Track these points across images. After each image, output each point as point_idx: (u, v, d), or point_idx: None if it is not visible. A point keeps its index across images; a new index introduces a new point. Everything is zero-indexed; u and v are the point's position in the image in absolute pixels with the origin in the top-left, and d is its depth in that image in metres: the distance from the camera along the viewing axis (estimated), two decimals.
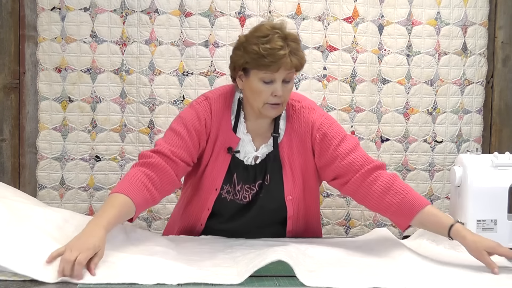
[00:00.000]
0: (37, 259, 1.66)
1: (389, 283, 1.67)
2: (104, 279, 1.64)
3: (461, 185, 2.22)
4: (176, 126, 2.18)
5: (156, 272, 1.71)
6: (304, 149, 2.21)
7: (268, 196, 2.21)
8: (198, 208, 2.26)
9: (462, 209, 2.20)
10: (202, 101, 2.22)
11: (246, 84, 2.14)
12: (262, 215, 2.23)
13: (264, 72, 2.07)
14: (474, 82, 3.14)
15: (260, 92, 2.09)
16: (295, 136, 2.21)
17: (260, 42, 2.06)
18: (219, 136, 2.19)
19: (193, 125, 2.17)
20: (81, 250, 1.67)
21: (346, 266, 1.84)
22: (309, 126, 2.20)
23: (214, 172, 2.20)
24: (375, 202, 2.13)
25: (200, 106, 2.20)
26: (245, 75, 2.13)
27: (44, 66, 2.95)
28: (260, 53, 2.04)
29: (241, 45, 2.13)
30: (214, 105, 2.20)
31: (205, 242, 2.15)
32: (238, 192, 2.21)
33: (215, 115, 2.19)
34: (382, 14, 3.08)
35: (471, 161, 2.23)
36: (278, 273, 1.75)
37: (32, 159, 3.00)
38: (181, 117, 2.21)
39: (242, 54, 2.10)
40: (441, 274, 1.79)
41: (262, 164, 2.21)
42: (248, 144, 2.21)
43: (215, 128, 2.19)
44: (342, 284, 1.65)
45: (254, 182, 2.20)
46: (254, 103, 2.13)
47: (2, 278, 1.63)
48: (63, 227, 1.84)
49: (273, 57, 2.04)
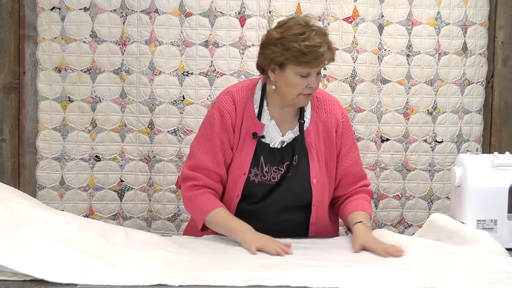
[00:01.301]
0: (37, 259, 1.66)
1: (391, 283, 1.67)
2: (104, 280, 1.63)
3: (461, 185, 2.22)
4: (207, 133, 2.28)
5: (157, 273, 1.71)
6: (329, 138, 2.33)
7: (295, 175, 2.28)
8: (228, 195, 2.30)
9: (462, 209, 2.20)
10: (224, 96, 2.31)
11: (280, 77, 2.21)
12: (289, 195, 2.28)
13: (303, 67, 2.15)
14: (474, 82, 3.14)
15: (296, 85, 2.19)
16: (322, 125, 2.33)
17: (299, 39, 2.13)
18: (243, 123, 2.28)
19: (221, 126, 2.26)
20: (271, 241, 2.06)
21: (352, 267, 1.84)
22: (335, 118, 2.34)
23: (241, 158, 2.27)
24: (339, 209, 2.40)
25: (222, 102, 2.29)
26: (280, 69, 2.20)
27: (44, 66, 2.95)
28: (302, 50, 2.12)
29: (278, 41, 2.18)
30: (236, 97, 2.29)
31: (208, 243, 2.15)
32: (266, 173, 2.28)
33: (239, 105, 2.28)
34: (382, 14, 3.08)
35: (471, 161, 2.22)
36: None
37: (32, 159, 3.00)
38: (209, 121, 2.29)
39: (281, 51, 2.16)
40: (445, 273, 1.79)
41: (289, 147, 2.29)
42: (274, 129, 2.29)
43: (239, 117, 2.28)
44: (348, 285, 1.65)
45: (282, 163, 2.28)
46: (288, 94, 2.22)
47: (2, 278, 1.63)
48: (64, 229, 1.84)
49: (315, 54, 2.13)
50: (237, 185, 2.27)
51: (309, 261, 1.89)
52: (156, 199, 3.02)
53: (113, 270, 1.69)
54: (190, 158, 2.31)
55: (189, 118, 3.00)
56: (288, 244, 2.05)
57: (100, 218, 2.99)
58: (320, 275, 1.72)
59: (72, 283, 1.62)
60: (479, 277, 1.76)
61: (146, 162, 3.01)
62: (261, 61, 2.27)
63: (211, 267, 1.80)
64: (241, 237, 2.10)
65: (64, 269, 1.64)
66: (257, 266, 1.80)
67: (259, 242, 2.04)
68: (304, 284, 1.62)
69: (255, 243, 2.04)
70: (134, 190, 3.02)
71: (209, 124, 2.29)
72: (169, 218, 3.03)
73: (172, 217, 3.03)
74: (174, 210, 3.03)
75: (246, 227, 2.15)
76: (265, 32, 2.28)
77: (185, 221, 3.01)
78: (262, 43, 2.26)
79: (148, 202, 3.03)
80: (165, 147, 3.00)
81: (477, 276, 1.77)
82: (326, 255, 1.99)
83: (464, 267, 1.88)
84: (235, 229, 2.15)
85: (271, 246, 2.01)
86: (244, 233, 2.11)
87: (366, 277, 1.72)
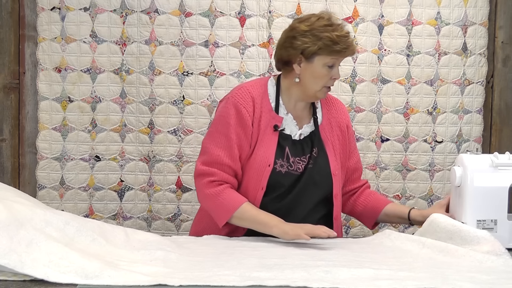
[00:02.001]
0: (37, 259, 1.66)
1: (392, 283, 1.67)
2: (104, 280, 1.63)
3: (461, 185, 2.22)
4: (222, 128, 2.28)
5: (157, 273, 1.71)
6: (342, 134, 2.44)
7: (316, 166, 2.33)
8: (251, 189, 2.29)
9: (462, 209, 2.20)
10: (239, 91, 2.32)
11: (306, 69, 2.27)
12: (312, 187, 2.31)
13: (332, 57, 2.24)
14: (474, 82, 3.14)
15: (322, 76, 2.27)
16: (334, 121, 2.43)
17: (329, 29, 2.23)
18: (262, 117, 2.30)
19: (237, 121, 2.27)
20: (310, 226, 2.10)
21: (352, 267, 1.84)
22: (344, 116, 2.47)
23: (264, 150, 2.28)
24: (349, 206, 2.52)
25: (237, 97, 2.30)
26: (307, 61, 2.26)
27: (44, 66, 2.95)
28: (334, 39, 2.21)
29: (308, 33, 2.24)
30: (253, 91, 2.32)
31: (208, 243, 2.14)
32: (293, 164, 2.31)
33: (257, 99, 2.31)
34: (382, 14, 3.08)
35: (471, 161, 2.22)
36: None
37: (32, 159, 3.00)
38: (223, 116, 2.29)
39: (313, 41, 2.23)
40: (445, 273, 1.79)
41: (308, 139, 2.36)
42: (291, 122, 2.35)
43: (258, 111, 2.30)
44: (348, 285, 1.65)
45: (304, 154, 2.33)
46: (313, 86, 2.29)
47: (2, 278, 1.63)
48: (64, 229, 1.84)
49: (345, 44, 2.24)
50: (261, 177, 2.26)
51: (309, 261, 1.89)
52: (156, 199, 3.02)
53: (113, 270, 1.69)
54: (204, 154, 2.30)
55: (189, 118, 3.00)
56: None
57: (100, 218, 2.99)
58: (320, 275, 1.71)
59: (72, 283, 1.62)
60: (479, 277, 1.76)
61: (146, 162, 3.01)
62: (286, 54, 2.30)
63: (211, 267, 1.80)
64: (279, 230, 2.13)
65: (64, 269, 1.64)
66: (257, 266, 1.80)
67: (302, 229, 2.08)
68: (304, 284, 1.62)
69: (299, 231, 2.07)
70: (134, 190, 3.02)
71: (223, 119, 2.28)
72: (169, 218, 3.03)
73: (172, 217, 3.03)
74: (174, 210, 3.03)
75: (278, 219, 2.17)
76: (287, 28, 2.34)
77: (185, 221, 3.01)
78: (288, 36, 2.30)
79: (148, 202, 3.03)
80: (165, 147, 3.00)
81: (477, 276, 1.77)
82: (326, 255, 1.99)
83: (464, 267, 1.88)
84: (268, 224, 2.17)
85: (317, 229, 2.07)
86: (279, 226, 2.14)
87: (366, 277, 1.72)
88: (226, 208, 2.22)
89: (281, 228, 2.13)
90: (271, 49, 3.00)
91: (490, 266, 1.92)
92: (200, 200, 2.32)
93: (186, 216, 3.01)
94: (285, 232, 2.11)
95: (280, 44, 2.34)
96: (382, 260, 1.95)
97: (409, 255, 2.03)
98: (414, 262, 1.92)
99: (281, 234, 2.12)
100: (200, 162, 2.29)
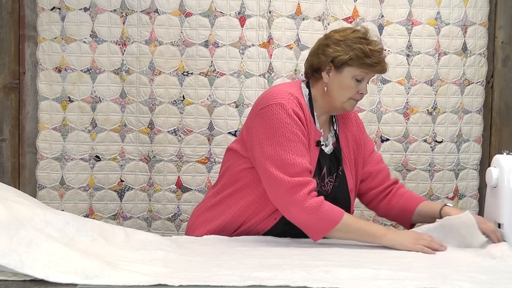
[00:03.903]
0: (37, 259, 1.66)
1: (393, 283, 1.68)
2: (104, 280, 1.64)
3: (497, 186, 2.21)
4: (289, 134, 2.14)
5: (157, 273, 1.71)
6: (358, 147, 2.41)
7: (339, 186, 2.32)
8: None
9: (499, 210, 2.19)
10: (288, 97, 2.18)
11: (334, 79, 2.24)
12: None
13: (362, 70, 2.21)
14: (474, 82, 3.14)
15: (349, 88, 2.22)
16: (350, 135, 2.40)
17: (363, 42, 2.20)
18: (308, 129, 2.22)
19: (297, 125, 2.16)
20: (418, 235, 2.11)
21: (352, 267, 1.84)
22: (360, 126, 2.45)
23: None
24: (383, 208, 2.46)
25: (289, 104, 2.16)
26: (337, 70, 2.23)
27: (44, 66, 2.95)
28: (366, 52, 2.18)
29: (341, 42, 2.22)
30: (300, 100, 2.22)
31: (208, 243, 2.14)
32: (326, 184, 2.29)
33: (305, 109, 2.22)
34: (382, 14, 3.08)
35: (508, 162, 2.22)
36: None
37: (32, 159, 3.00)
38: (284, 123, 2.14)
39: (345, 50, 2.20)
40: (445, 273, 1.79)
41: (332, 156, 2.32)
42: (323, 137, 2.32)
43: (305, 121, 2.21)
44: (348, 285, 1.65)
45: (331, 174, 2.31)
46: (339, 97, 2.24)
47: (2, 278, 1.63)
48: (64, 229, 1.84)
49: (377, 58, 2.20)
50: None
51: (309, 261, 1.89)
52: (156, 199, 3.02)
53: (113, 270, 1.69)
54: (284, 167, 2.10)
55: (189, 118, 3.00)
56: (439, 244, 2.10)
57: (100, 218, 2.99)
58: (320, 275, 1.72)
59: (72, 283, 1.62)
60: (479, 277, 1.76)
61: (146, 162, 3.01)
62: (317, 61, 2.26)
63: (211, 267, 1.80)
64: (390, 240, 2.10)
65: (64, 269, 1.64)
66: (257, 266, 1.80)
67: (418, 241, 2.07)
68: (304, 284, 1.62)
69: (416, 242, 2.07)
70: (134, 190, 3.03)
71: (285, 125, 2.14)
72: (169, 218, 3.03)
73: (172, 217, 3.03)
74: (174, 210, 3.03)
75: (384, 229, 2.17)
76: (322, 36, 2.32)
77: (185, 221, 3.01)
78: (322, 44, 2.28)
79: (148, 202, 3.03)
80: (165, 147, 3.00)
81: (477, 276, 1.77)
82: (326, 255, 1.99)
83: (464, 267, 1.88)
84: (376, 233, 2.12)
85: (432, 243, 2.07)
86: (389, 236, 2.11)
87: (366, 277, 1.72)
88: (329, 221, 2.09)
89: (393, 238, 2.10)
90: (271, 49, 3.00)
91: (490, 266, 1.92)
92: (296, 215, 2.11)
93: (186, 216, 3.01)
94: (399, 244, 2.09)
95: (312, 51, 2.31)
96: (382, 260, 1.95)
97: (409, 255, 2.03)
98: (414, 262, 1.92)
99: (395, 245, 2.09)
100: (285, 175, 2.10)
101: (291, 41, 3.02)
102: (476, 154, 3.17)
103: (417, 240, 2.07)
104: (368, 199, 2.49)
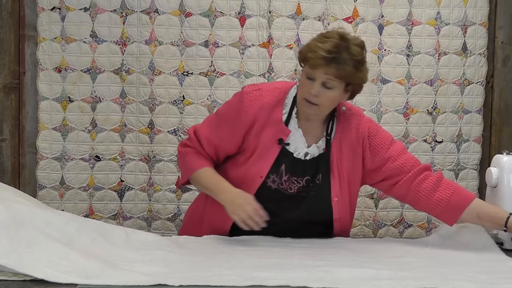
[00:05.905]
0: (37, 259, 1.66)
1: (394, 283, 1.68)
2: (104, 280, 1.64)
3: (497, 186, 2.21)
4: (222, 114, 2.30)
5: (157, 273, 1.71)
6: (354, 155, 2.27)
7: (317, 196, 2.24)
8: None
9: None
10: (253, 91, 2.26)
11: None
12: (309, 213, 2.24)
13: (306, 65, 2.16)
14: (474, 82, 3.14)
15: (302, 86, 2.19)
16: (346, 141, 2.27)
17: (319, 40, 2.16)
18: (267, 126, 2.22)
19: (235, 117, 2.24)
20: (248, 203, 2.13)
21: (352, 267, 1.84)
22: (360, 132, 2.28)
23: (261, 161, 2.22)
24: (424, 201, 2.23)
25: (248, 95, 2.25)
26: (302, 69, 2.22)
27: (44, 66, 2.95)
28: (310, 47, 2.15)
29: (311, 40, 2.22)
30: (266, 96, 2.24)
31: (208, 243, 2.14)
32: (285, 182, 2.24)
33: (266, 106, 2.23)
34: (382, 14, 3.08)
35: (507, 162, 2.21)
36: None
37: (32, 159, 3.00)
38: (230, 105, 2.30)
39: (304, 47, 2.20)
40: (445, 273, 1.79)
41: (313, 162, 2.24)
42: (300, 139, 2.24)
43: (262, 118, 2.22)
44: (348, 285, 1.65)
45: (302, 176, 2.23)
46: (299, 95, 2.21)
47: (2, 278, 1.63)
48: (64, 229, 1.84)
49: (314, 54, 2.12)
50: (251, 187, 2.21)
51: (309, 261, 1.89)
52: (156, 199, 3.02)
53: (113, 270, 1.69)
54: (201, 125, 2.34)
55: (189, 118, 3.00)
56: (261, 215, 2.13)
57: (100, 218, 2.99)
58: (320, 275, 1.72)
59: (72, 283, 1.62)
60: (478, 276, 1.76)
61: (146, 162, 3.01)
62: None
63: (211, 267, 1.80)
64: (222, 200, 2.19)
65: (64, 269, 1.64)
66: (257, 266, 1.80)
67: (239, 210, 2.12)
68: (304, 284, 1.62)
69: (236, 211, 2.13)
70: (134, 190, 3.03)
71: (228, 108, 2.30)
72: (169, 218, 3.03)
73: (172, 217, 3.03)
74: (174, 210, 3.03)
75: (227, 188, 2.21)
76: None
77: None
78: None
79: (148, 202, 3.03)
80: (165, 147, 3.00)
81: (476, 276, 1.77)
82: (326, 255, 1.99)
83: (464, 267, 1.88)
84: (215, 189, 2.23)
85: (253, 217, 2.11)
86: (222, 196, 2.20)
87: (366, 277, 1.72)
88: (188, 167, 2.29)
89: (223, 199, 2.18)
90: (271, 49, 3.00)
91: (490, 266, 1.92)
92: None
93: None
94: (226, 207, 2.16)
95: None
96: (382, 260, 1.95)
97: (409, 255, 2.03)
98: (414, 262, 1.92)
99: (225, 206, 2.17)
100: (193, 128, 2.33)
101: (291, 41, 3.02)
102: (476, 154, 3.17)
103: (240, 207, 2.13)
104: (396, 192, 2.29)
